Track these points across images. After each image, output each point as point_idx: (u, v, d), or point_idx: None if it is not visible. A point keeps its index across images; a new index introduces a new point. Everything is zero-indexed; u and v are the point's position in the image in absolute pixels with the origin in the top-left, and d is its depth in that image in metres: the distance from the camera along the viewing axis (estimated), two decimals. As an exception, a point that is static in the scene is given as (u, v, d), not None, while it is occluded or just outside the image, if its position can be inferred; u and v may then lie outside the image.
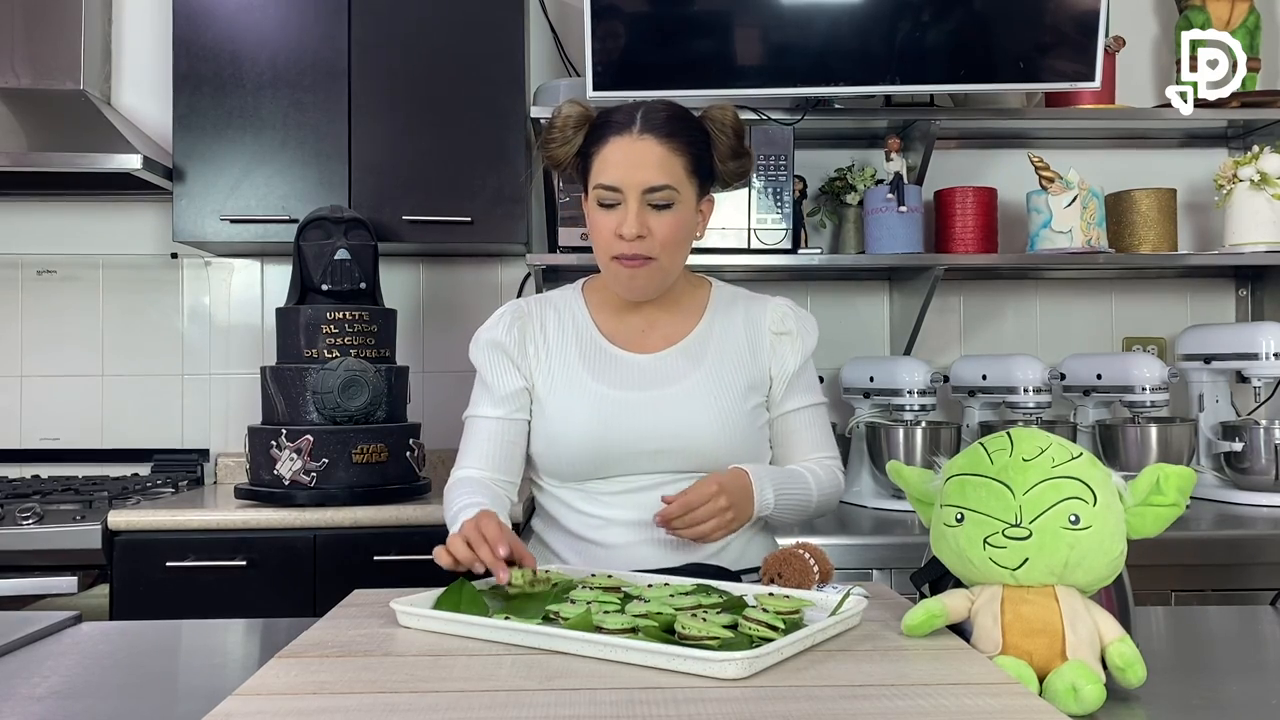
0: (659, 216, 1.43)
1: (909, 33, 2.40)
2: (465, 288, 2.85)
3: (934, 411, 2.51)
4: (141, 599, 2.14)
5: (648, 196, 1.42)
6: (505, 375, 1.53)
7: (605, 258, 1.47)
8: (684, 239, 1.48)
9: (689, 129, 1.47)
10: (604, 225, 1.45)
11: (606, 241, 1.45)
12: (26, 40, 2.56)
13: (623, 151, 1.43)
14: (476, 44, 2.51)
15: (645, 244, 1.43)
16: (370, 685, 0.94)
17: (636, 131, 1.43)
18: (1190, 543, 2.07)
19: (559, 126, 1.48)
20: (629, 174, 1.42)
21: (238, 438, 2.64)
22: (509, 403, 1.52)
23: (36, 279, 2.81)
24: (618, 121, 1.46)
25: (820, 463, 1.56)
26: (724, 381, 1.49)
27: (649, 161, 1.42)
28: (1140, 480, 1.01)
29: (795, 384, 1.56)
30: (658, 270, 1.46)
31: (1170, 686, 1.04)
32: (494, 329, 1.55)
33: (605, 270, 1.50)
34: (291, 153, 2.49)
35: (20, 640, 1.21)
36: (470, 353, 1.57)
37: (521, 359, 1.53)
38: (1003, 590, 1.00)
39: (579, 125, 1.48)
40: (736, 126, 1.50)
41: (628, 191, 1.42)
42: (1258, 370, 2.43)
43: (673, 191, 1.43)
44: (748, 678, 0.93)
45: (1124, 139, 2.84)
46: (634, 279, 1.46)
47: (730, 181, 1.55)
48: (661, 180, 1.42)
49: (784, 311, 1.58)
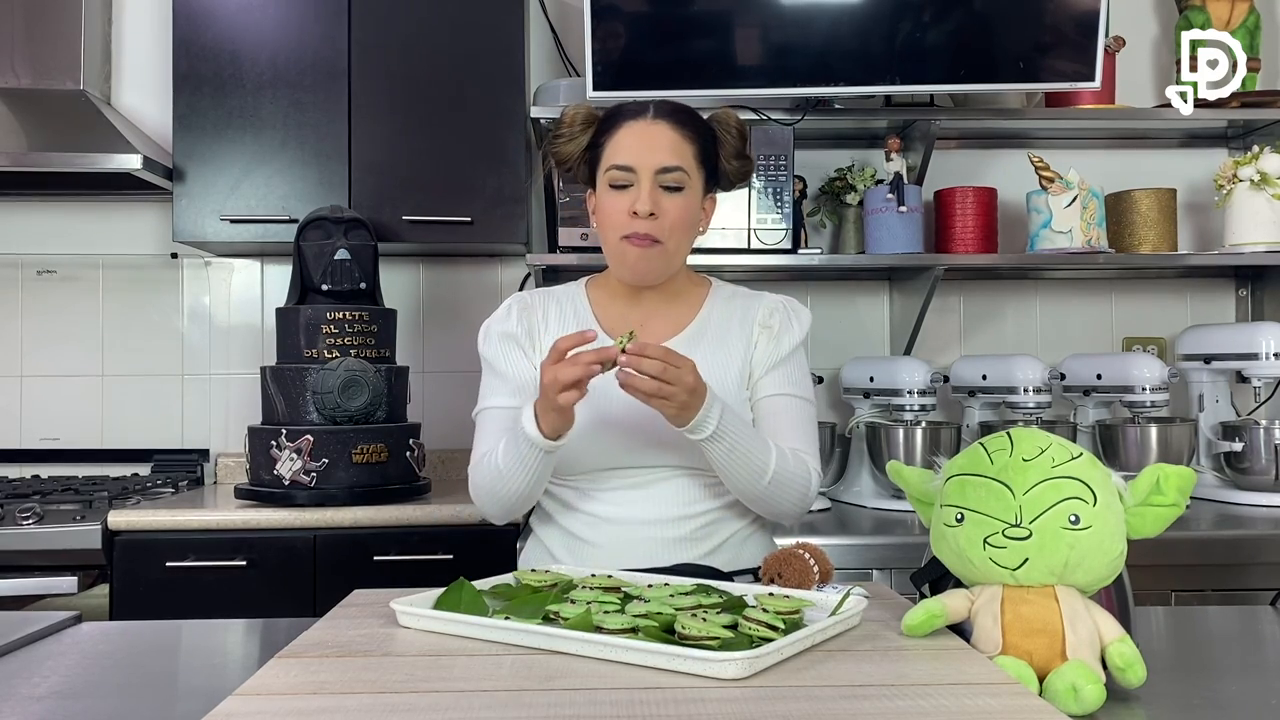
0: (670, 198, 1.46)
1: (909, 33, 2.40)
2: (465, 288, 2.85)
3: (934, 411, 2.51)
4: (141, 599, 2.15)
5: (660, 177, 1.45)
6: (518, 364, 1.54)
7: (615, 238, 1.48)
8: (691, 226, 1.51)
9: (698, 122, 1.52)
10: (615, 206, 1.47)
11: (617, 222, 1.47)
12: (26, 40, 2.56)
13: (637, 134, 1.48)
14: (476, 44, 2.51)
15: (656, 224, 1.45)
16: (370, 685, 0.94)
17: (650, 116, 1.49)
18: (1190, 543, 2.07)
19: (567, 123, 1.53)
20: (643, 154, 1.46)
21: (238, 438, 2.64)
22: (524, 391, 1.52)
23: (36, 279, 2.82)
24: (631, 110, 1.51)
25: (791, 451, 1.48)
26: (718, 376, 1.49)
27: (662, 143, 1.47)
28: (1140, 480, 1.01)
29: (774, 373, 1.54)
30: (664, 254, 1.48)
31: (1170, 686, 1.04)
32: (504, 321, 1.57)
33: (614, 253, 1.50)
34: (291, 153, 2.49)
35: (20, 640, 1.21)
36: (480, 346, 1.58)
37: (530, 348, 1.55)
38: (1003, 590, 1.00)
39: (586, 123, 1.53)
40: (741, 129, 1.55)
41: (641, 171, 1.45)
42: (1258, 370, 2.43)
43: (683, 174, 1.47)
44: (748, 678, 0.93)
45: (1124, 139, 2.84)
46: (642, 259, 1.47)
47: (733, 182, 1.58)
48: (674, 161, 1.46)
49: (773, 306, 1.58)
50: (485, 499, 1.49)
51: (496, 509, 1.49)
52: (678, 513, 1.46)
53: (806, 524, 2.20)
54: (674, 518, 1.46)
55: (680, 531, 1.46)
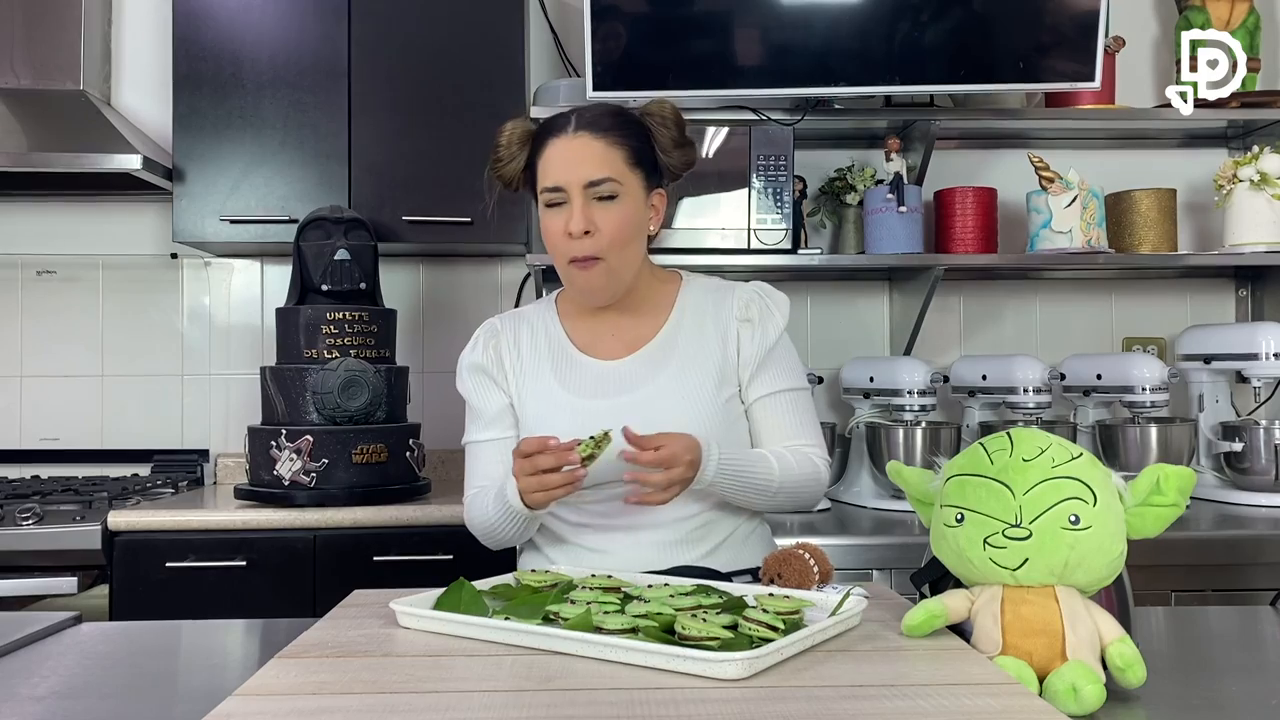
0: (604, 210, 1.44)
1: (909, 33, 2.40)
2: (465, 288, 2.85)
3: (934, 412, 2.51)
4: (141, 599, 2.14)
5: (590, 191, 1.43)
6: (490, 396, 1.55)
7: (563, 263, 1.47)
8: (632, 235, 1.47)
9: (625, 124, 1.48)
10: (554, 228, 1.45)
11: (558, 245, 1.45)
12: (26, 40, 2.56)
13: (561, 151, 1.45)
14: (476, 44, 2.51)
15: (593, 241, 1.43)
16: (370, 685, 0.94)
17: (572, 130, 1.45)
18: (1190, 543, 2.07)
19: (504, 145, 1.50)
20: (569, 170, 1.43)
21: (238, 438, 2.64)
22: (499, 422, 1.54)
23: (36, 279, 2.82)
24: (555, 125, 1.48)
25: (794, 449, 1.50)
26: (692, 380, 1.48)
27: (587, 156, 1.43)
28: (1140, 480, 1.01)
29: (763, 370, 1.52)
30: (606, 270, 1.45)
31: (1170, 686, 1.04)
32: (471, 353, 1.57)
33: (564, 277, 1.50)
34: (291, 153, 2.49)
35: (20, 640, 1.21)
36: (456, 384, 1.59)
37: (500, 376, 1.55)
38: (1003, 590, 1.01)
39: (523, 142, 1.50)
40: (676, 118, 1.51)
41: (570, 188, 1.43)
42: (1258, 370, 2.43)
43: (615, 184, 1.44)
44: (748, 678, 0.93)
45: (1124, 139, 2.84)
46: (587, 280, 1.46)
47: (679, 173, 1.55)
48: (602, 173, 1.43)
49: (749, 297, 1.54)
50: (480, 535, 1.52)
51: (492, 545, 1.53)
52: (673, 515, 1.45)
53: (806, 524, 2.20)
54: (669, 520, 1.45)
55: (677, 534, 1.45)
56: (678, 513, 1.45)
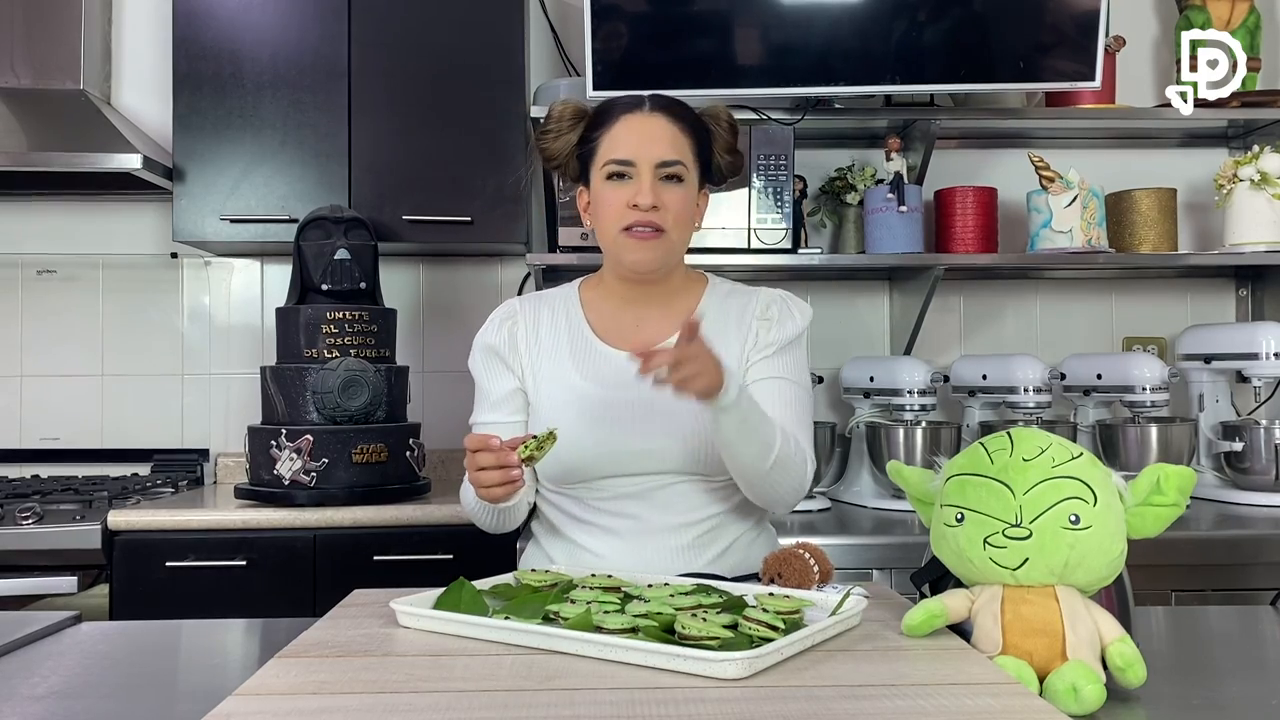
0: (671, 190, 1.44)
1: (909, 33, 2.40)
2: (465, 288, 2.85)
3: (934, 411, 2.51)
4: (141, 599, 2.14)
5: (660, 170, 1.44)
6: (498, 378, 1.53)
7: (615, 230, 1.45)
8: (690, 219, 1.49)
9: (693, 116, 1.51)
10: (615, 199, 1.44)
11: (618, 214, 1.44)
12: (26, 40, 2.56)
13: (635, 126, 1.46)
14: (476, 44, 2.51)
15: (659, 215, 1.43)
16: (370, 685, 0.94)
17: (648, 109, 1.47)
18: (1190, 543, 2.07)
19: (555, 118, 1.51)
20: (642, 148, 1.44)
21: (238, 438, 2.64)
22: (504, 406, 1.52)
23: (36, 279, 2.82)
24: (627, 103, 1.49)
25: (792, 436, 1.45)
26: None
27: (662, 136, 1.45)
28: (1140, 480, 1.01)
29: (771, 359, 1.50)
30: (666, 244, 1.45)
31: (1170, 686, 1.04)
32: (486, 333, 1.56)
33: (614, 245, 1.47)
34: (291, 153, 2.49)
35: (20, 640, 1.21)
36: (468, 362, 1.58)
37: (514, 359, 1.53)
38: (1003, 590, 1.00)
39: (575, 118, 1.51)
40: (732, 124, 1.54)
41: (641, 164, 1.43)
42: (1258, 370, 2.43)
43: (682, 167, 1.45)
44: (748, 678, 0.93)
45: (1124, 139, 2.84)
46: (645, 249, 1.45)
47: (725, 176, 1.57)
48: (674, 155, 1.45)
49: (771, 299, 1.55)
50: (472, 519, 1.52)
51: (484, 528, 1.52)
52: (680, 520, 1.45)
53: (806, 524, 2.20)
54: (677, 525, 1.45)
55: (684, 539, 1.45)
56: (685, 517, 1.45)
